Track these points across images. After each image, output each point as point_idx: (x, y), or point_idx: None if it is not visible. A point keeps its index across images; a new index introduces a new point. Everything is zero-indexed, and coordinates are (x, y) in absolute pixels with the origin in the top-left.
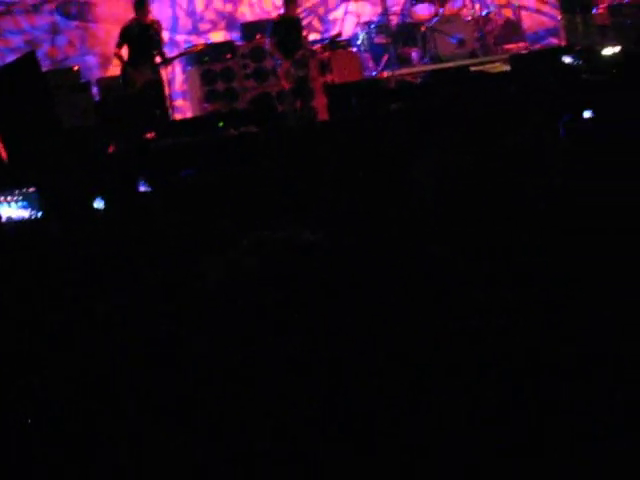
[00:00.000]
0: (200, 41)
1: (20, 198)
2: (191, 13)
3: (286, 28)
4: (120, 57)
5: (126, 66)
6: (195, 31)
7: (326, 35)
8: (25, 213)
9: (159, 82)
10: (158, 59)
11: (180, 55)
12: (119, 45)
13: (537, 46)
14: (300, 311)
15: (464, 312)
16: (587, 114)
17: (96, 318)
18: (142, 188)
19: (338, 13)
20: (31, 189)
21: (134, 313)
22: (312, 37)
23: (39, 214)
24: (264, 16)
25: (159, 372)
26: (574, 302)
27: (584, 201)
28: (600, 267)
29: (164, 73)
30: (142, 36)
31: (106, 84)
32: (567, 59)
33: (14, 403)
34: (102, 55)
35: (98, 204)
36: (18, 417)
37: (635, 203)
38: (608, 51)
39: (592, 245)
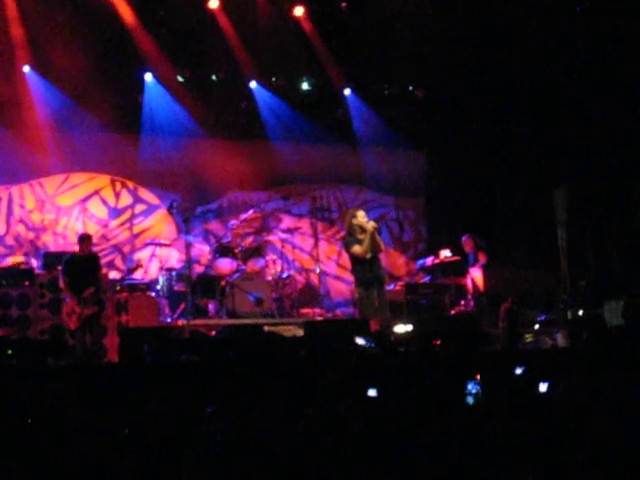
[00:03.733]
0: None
1: None
2: None
3: (77, 266)
4: None
5: None
6: None
7: (127, 266)
8: None
9: None
10: None
11: None
12: None
13: (336, 312)
14: None
15: None
16: (372, 392)
17: None
18: None
19: (144, 254)
20: None
21: None
22: (113, 275)
23: None
24: (67, 247)
25: None
26: None
27: None
28: None
29: None
30: None
31: None
32: (360, 340)
33: None
34: None
35: None
36: None
37: None
38: (400, 329)
39: None
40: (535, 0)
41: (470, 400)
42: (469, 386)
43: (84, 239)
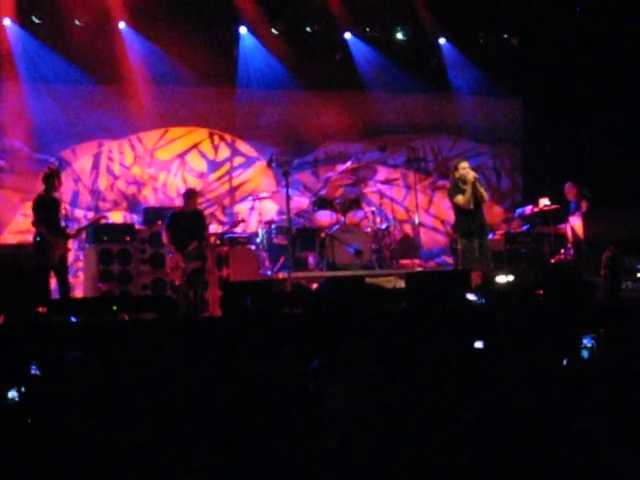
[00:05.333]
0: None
1: None
2: (93, 190)
3: (181, 222)
4: (42, 228)
5: (48, 237)
6: (95, 208)
7: (230, 221)
8: None
9: (66, 255)
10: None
11: (87, 227)
12: (38, 217)
13: (431, 263)
14: None
15: None
16: (478, 344)
17: None
18: (33, 372)
19: (244, 207)
20: None
21: None
22: (213, 228)
23: None
24: (167, 202)
25: None
26: None
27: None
28: None
29: None
30: (54, 209)
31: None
32: (472, 297)
33: None
34: None
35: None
36: None
37: None
38: (501, 279)
39: None
40: None
41: (585, 354)
42: (585, 340)
43: (190, 195)
